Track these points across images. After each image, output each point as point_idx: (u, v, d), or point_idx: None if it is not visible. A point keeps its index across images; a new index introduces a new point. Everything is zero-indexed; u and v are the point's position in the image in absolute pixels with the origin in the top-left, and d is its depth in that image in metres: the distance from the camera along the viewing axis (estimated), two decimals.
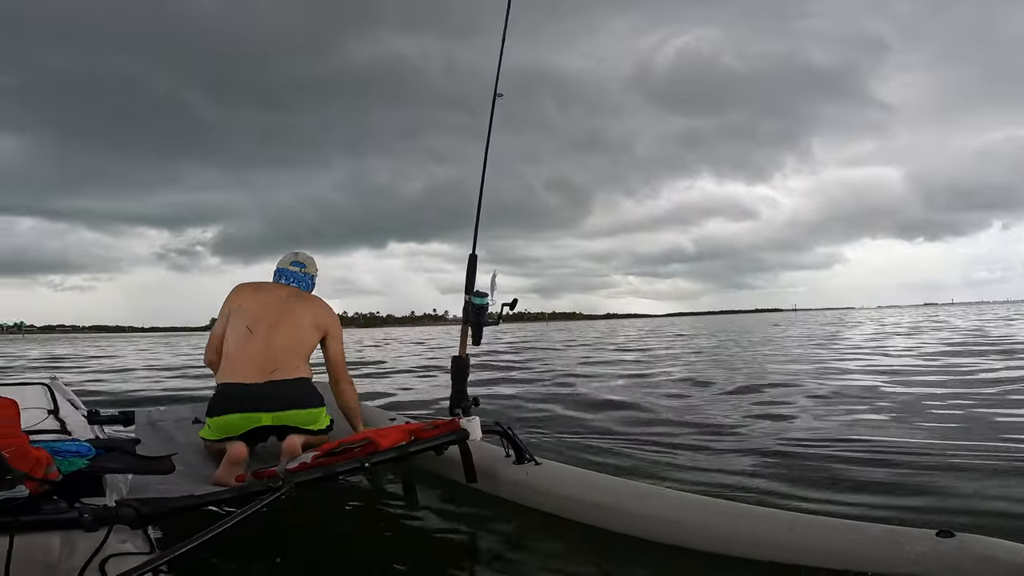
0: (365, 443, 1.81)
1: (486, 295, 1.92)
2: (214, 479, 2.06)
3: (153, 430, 2.83)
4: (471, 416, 1.97)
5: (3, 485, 1.17)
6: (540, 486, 1.94)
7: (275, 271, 2.58)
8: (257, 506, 1.34)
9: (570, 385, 6.36)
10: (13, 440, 1.20)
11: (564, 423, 3.98)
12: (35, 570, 1.16)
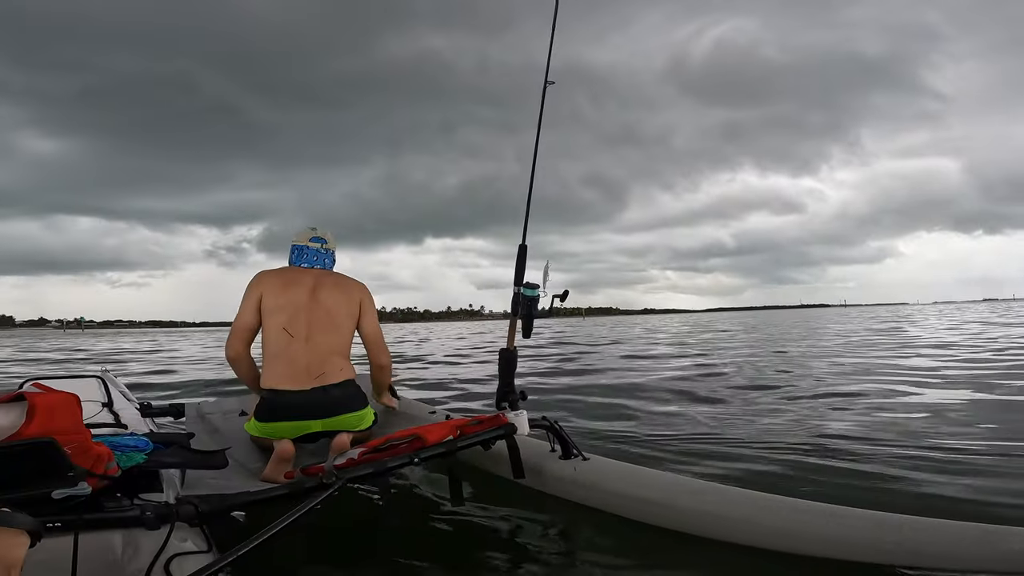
0: (412, 439, 1.80)
1: (537, 286, 1.87)
2: (263, 476, 2.07)
3: (202, 423, 2.87)
4: (519, 410, 1.93)
5: (66, 482, 1.16)
6: (588, 481, 1.91)
7: (293, 249, 2.45)
8: (312, 503, 1.34)
9: (618, 379, 6.29)
10: (76, 436, 1.20)
11: (611, 418, 3.92)
12: (100, 570, 1.15)
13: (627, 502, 1.81)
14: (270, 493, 1.43)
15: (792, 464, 2.52)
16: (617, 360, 9.00)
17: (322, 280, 2.38)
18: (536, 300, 1.88)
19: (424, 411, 2.96)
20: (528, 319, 1.88)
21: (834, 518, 1.48)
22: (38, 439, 1.10)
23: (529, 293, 1.87)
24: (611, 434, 3.35)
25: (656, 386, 5.61)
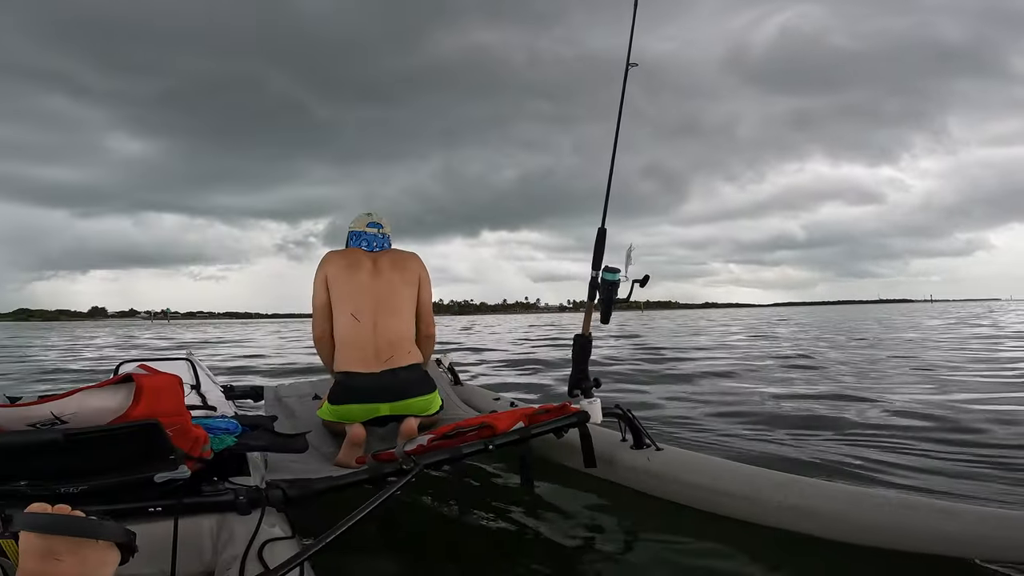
0: (481, 427, 1.80)
1: (618, 271, 1.82)
2: (337, 460, 2.13)
3: (279, 406, 2.95)
4: (592, 398, 1.89)
5: (168, 465, 1.17)
6: (661, 472, 1.87)
7: (350, 234, 2.53)
8: (392, 489, 1.34)
9: (689, 373, 6.12)
10: (178, 418, 1.21)
11: (683, 411, 3.83)
12: (194, 554, 1.15)
13: (705, 494, 1.75)
14: (352, 478, 1.43)
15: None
16: (691, 352, 8.78)
17: (380, 261, 2.45)
18: (616, 285, 1.82)
19: (488, 399, 2.97)
20: (607, 304, 1.83)
21: (952, 516, 1.37)
22: (144, 421, 1.12)
23: (609, 277, 1.82)
24: (685, 428, 3.26)
25: (728, 377, 5.42)
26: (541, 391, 5.12)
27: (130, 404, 1.13)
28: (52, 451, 1.06)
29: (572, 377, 1.94)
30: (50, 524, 0.79)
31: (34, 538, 0.79)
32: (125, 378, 1.18)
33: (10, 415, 1.05)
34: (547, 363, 7.92)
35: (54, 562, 0.77)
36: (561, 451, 2.13)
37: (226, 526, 1.21)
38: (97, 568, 0.80)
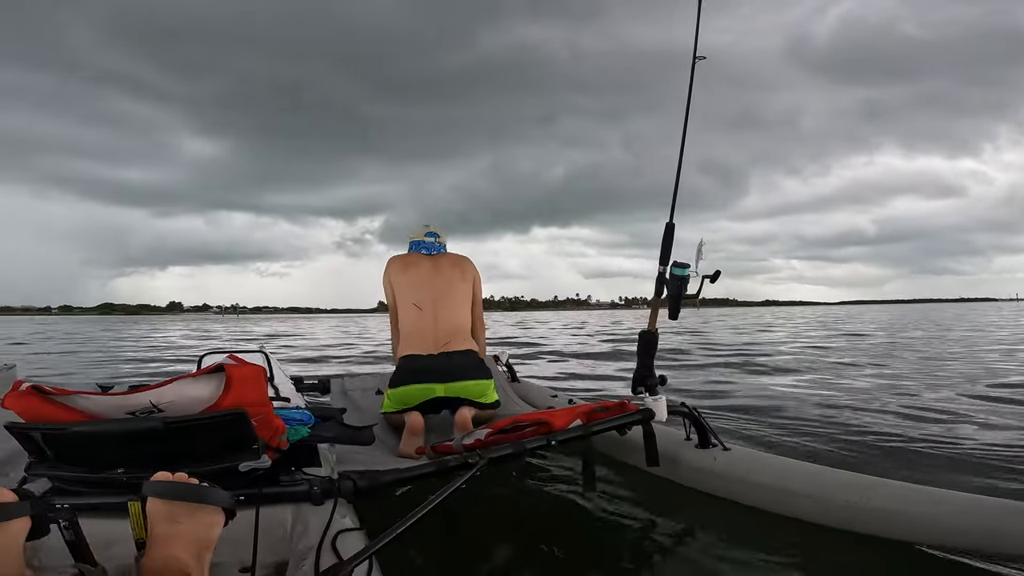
0: (539, 423, 1.79)
1: (687, 265, 1.78)
2: (398, 451, 2.20)
3: (345, 399, 3.04)
4: (657, 396, 1.86)
5: (251, 455, 1.21)
6: (728, 472, 1.83)
7: (411, 243, 2.82)
8: (458, 482, 1.36)
9: (758, 372, 5.93)
10: (262, 408, 1.25)
11: (751, 412, 3.72)
12: (271, 544, 1.16)
13: (776, 495, 1.71)
14: (418, 471, 1.46)
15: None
16: (763, 351, 8.48)
17: (439, 261, 2.74)
18: (686, 280, 1.79)
19: (546, 395, 2.97)
20: (676, 300, 1.80)
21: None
22: (232, 411, 1.16)
23: (679, 272, 1.79)
24: (750, 428, 3.15)
25: (800, 375, 5.19)
26: (599, 388, 5.08)
27: (220, 394, 1.18)
28: (150, 438, 1.12)
29: (636, 374, 1.91)
30: (175, 490, 0.91)
31: (160, 504, 0.90)
32: (216, 368, 1.22)
33: (110, 403, 1.13)
34: (604, 360, 7.86)
35: (176, 525, 0.88)
36: (623, 449, 2.10)
37: (301, 516, 1.24)
38: (208, 530, 0.91)
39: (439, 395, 2.41)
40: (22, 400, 1.06)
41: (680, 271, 1.79)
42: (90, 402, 1.11)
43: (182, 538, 0.88)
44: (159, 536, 0.88)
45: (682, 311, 1.83)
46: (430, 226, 2.84)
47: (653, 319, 1.92)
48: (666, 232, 1.94)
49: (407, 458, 2.11)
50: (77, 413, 1.10)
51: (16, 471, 1.73)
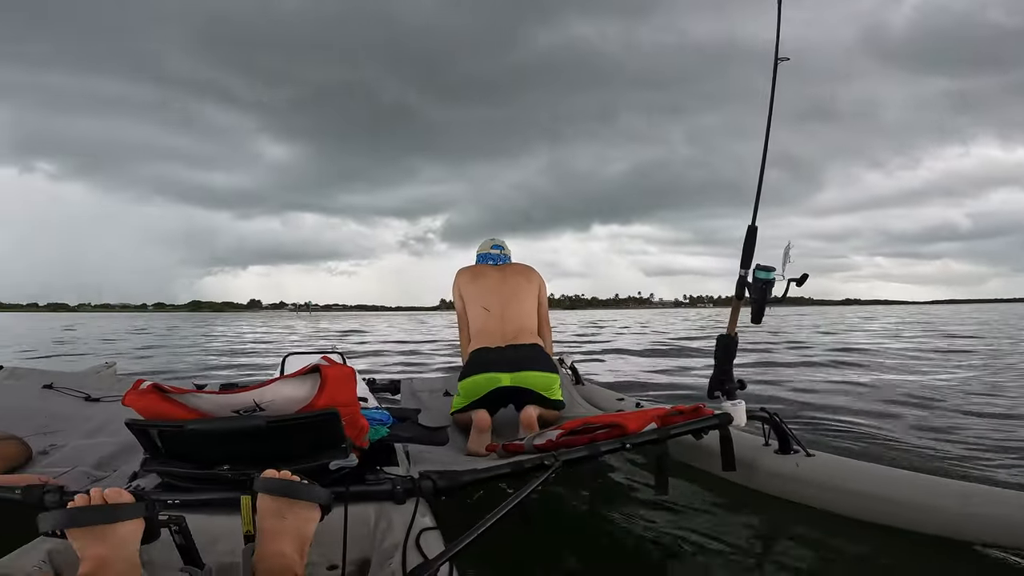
0: (613, 426, 1.78)
1: (773, 269, 1.73)
2: (467, 450, 2.25)
3: (414, 399, 3.12)
4: (736, 400, 1.81)
5: (340, 453, 1.25)
6: (812, 479, 1.77)
7: (478, 256, 3.01)
8: (536, 484, 1.37)
9: (849, 376, 5.63)
10: (352, 408, 1.29)
11: (840, 416, 3.56)
12: (356, 541, 1.17)
13: (863, 501, 1.67)
14: (496, 471, 1.48)
15: None
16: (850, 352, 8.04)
17: (506, 270, 2.91)
18: (771, 284, 1.74)
19: (612, 399, 2.95)
20: (760, 304, 1.75)
21: None
22: (325, 410, 1.21)
23: (764, 276, 1.74)
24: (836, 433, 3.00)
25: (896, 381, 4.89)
26: (666, 392, 4.97)
27: (315, 393, 1.23)
28: (253, 437, 1.19)
29: (714, 378, 1.87)
30: (284, 488, 0.95)
31: (269, 499, 0.95)
32: (313, 368, 1.27)
33: (218, 402, 1.21)
34: (670, 360, 7.67)
35: (281, 520, 0.93)
36: (696, 453, 2.07)
37: (384, 515, 1.26)
38: (307, 524, 0.96)
39: (505, 384, 2.47)
40: (143, 398, 1.15)
41: (765, 275, 1.74)
42: (202, 400, 1.19)
43: (286, 533, 0.92)
44: (267, 531, 0.93)
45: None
46: (495, 239, 3.04)
47: (733, 323, 1.87)
48: (748, 235, 1.89)
49: (476, 456, 2.16)
50: (190, 411, 1.18)
51: (123, 466, 1.88)
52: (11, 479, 1.64)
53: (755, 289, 1.76)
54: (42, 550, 1.06)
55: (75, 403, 2.77)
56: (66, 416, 2.55)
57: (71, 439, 2.21)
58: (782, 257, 1.72)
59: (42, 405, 2.69)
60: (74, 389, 2.91)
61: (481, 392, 2.46)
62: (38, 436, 2.21)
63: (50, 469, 1.86)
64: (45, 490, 1.17)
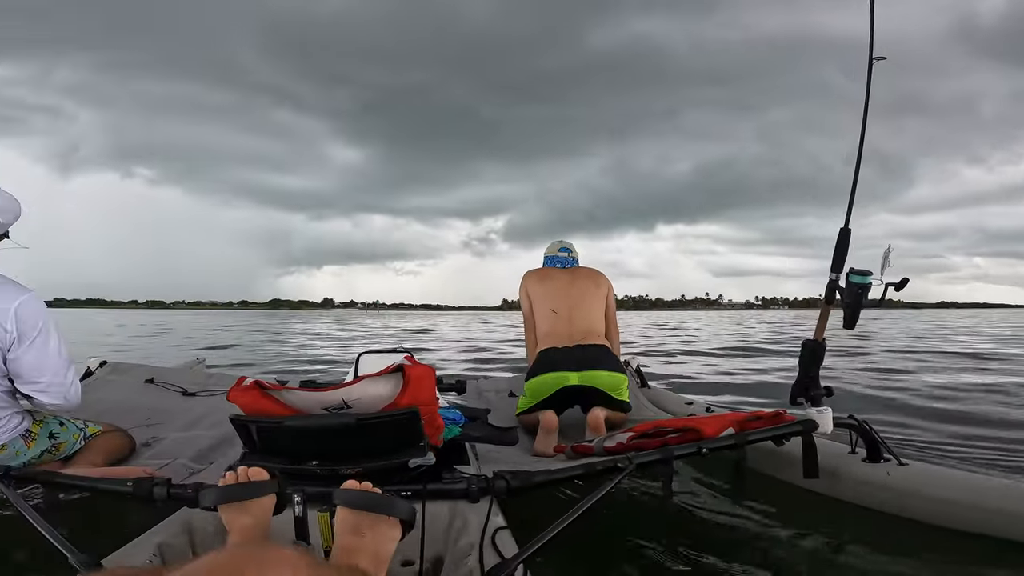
0: (687, 430, 1.74)
1: (869, 273, 1.66)
2: (533, 450, 2.25)
3: (480, 399, 3.17)
4: (822, 407, 1.74)
5: (418, 452, 1.27)
6: (907, 488, 1.72)
7: (545, 259, 3.01)
8: (609, 486, 1.36)
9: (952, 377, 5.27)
10: (432, 407, 1.31)
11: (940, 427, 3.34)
12: (432, 539, 1.16)
13: (961, 511, 1.61)
14: (569, 472, 1.47)
15: None
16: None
17: (576, 274, 2.90)
18: (867, 288, 1.67)
19: (680, 403, 2.88)
20: (855, 309, 1.68)
21: None
22: (407, 409, 1.24)
23: (859, 280, 1.67)
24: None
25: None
26: (740, 396, 4.79)
27: (398, 392, 1.27)
28: (343, 434, 1.23)
29: (798, 383, 1.80)
30: (366, 501, 0.91)
31: (349, 514, 0.90)
32: (396, 368, 1.30)
33: (310, 399, 1.27)
34: (746, 364, 7.37)
35: (359, 538, 0.88)
36: (773, 461, 2.01)
37: (459, 513, 1.26)
38: (386, 543, 0.90)
39: (572, 383, 2.46)
40: (246, 394, 1.23)
41: (861, 279, 1.67)
42: (296, 397, 1.26)
43: (364, 551, 0.87)
44: (343, 547, 0.88)
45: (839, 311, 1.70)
46: (563, 242, 3.04)
47: (821, 328, 1.80)
48: (840, 238, 1.82)
49: (543, 457, 2.16)
50: (285, 407, 1.26)
51: (218, 459, 1.98)
52: (119, 471, 1.77)
53: (849, 293, 1.69)
54: (152, 543, 1.10)
55: (173, 397, 2.93)
56: (166, 410, 2.70)
57: (170, 432, 2.34)
58: (881, 260, 1.64)
59: (144, 399, 2.84)
60: (172, 384, 3.07)
61: (548, 391, 2.47)
62: (141, 429, 2.34)
63: (152, 461, 1.95)
64: (154, 483, 1.24)
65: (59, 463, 1.86)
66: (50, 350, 1.70)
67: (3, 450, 1.73)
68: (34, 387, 1.71)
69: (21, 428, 1.78)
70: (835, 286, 1.74)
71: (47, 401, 1.75)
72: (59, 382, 1.73)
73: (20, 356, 1.65)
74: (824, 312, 1.79)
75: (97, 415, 2.24)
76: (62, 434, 1.89)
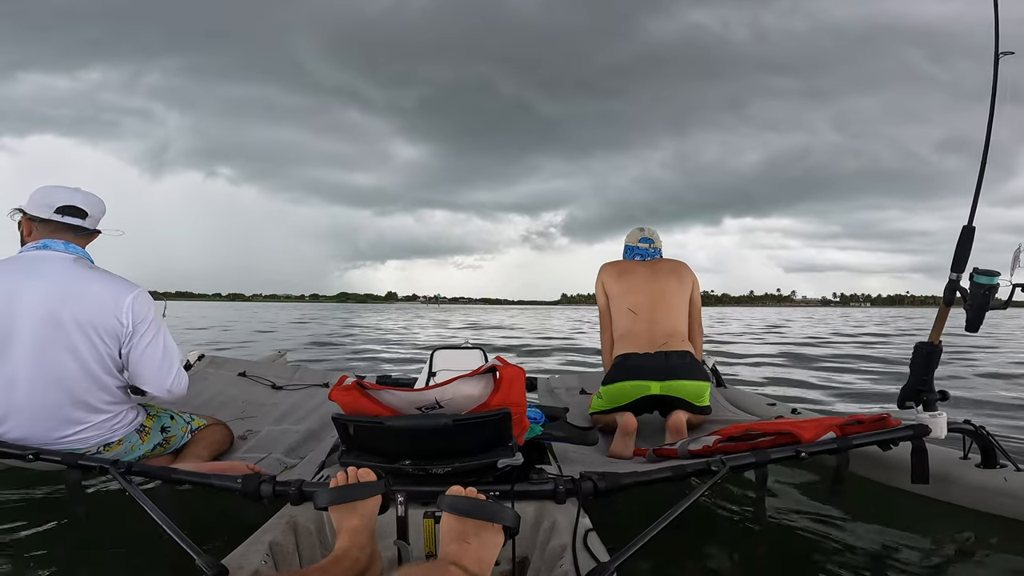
0: (781, 434, 1.65)
1: (997, 274, 1.55)
2: (610, 452, 2.17)
3: (552, 397, 3.13)
4: (936, 412, 1.63)
5: (507, 452, 1.26)
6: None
7: (625, 248, 2.80)
8: (703, 489, 1.31)
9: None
10: (521, 407, 1.31)
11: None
12: (521, 539, 1.12)
13: None
14: (657, 475, 1.42)
15: None
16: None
17: (657, 268, 2.69)
18: (994, 289, 1.55)
19: (762, 403, 2.75)
20: (979, 311, 1.57)
21: None
22: (500, 410, 1.24)
23: (985, 281, 1.56)
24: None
25: None
26: (823, 397, 4.53)
27: (490, 393, 1.27)
28: (437, 434, 1.23)
29: (908, 387, 1.70)
30: (472, 508, 0.89)
31: (454, 521, 0.88)
32: (489, 368, 1.31)
33: (404, 399, 1.29)
34: (825, 364, 6.95)
35: (464, 545, 0.86)
36: (873, 466, 1.91)
37: (547, 514, 1.24)
38: (490, 550, 0.88)
39: (654, 393, 2.37)
40: (347, 393, 1.26)
41: (986, 279, 1.55)
42: (394, 397, 1.28)
43: (469, 557, 0.85)
44: (450, 555, 0.86)
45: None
46: (645, 231, 2.80)
47: (938, 330, 1.69)
48: (963, 236, 1.70)
49: (620, 459, 2.10)
50: (383, 407, 1.28)
51: (309, 454, 2.00)
52: (223, 466, 1.81)
53: (973, 295, 1.58)
54: (264, 543, 1.10)
55: (264, 391, 3.01)
56: (258, 403, 2.79)
57: (263, 425, 2.40)
58: (1011, 261, 1.51)
59: (238, 392, 2.93)
60: (262, 378, 3.16)
61: (627, 399, 2.37)
62: (236, 421, 2.41)
63: (249, 455, 2.00)
64: (261, 480, 1.27)
65: (169, 457, 1.94)
66: (160, 343, 1.77)
67: (119, 445, 1.80)
68: (147, 380, 1.77)
69: (136, 423, 1.86)
70: (955, 286, 1.63)
71: (158, 394, 1.81)
72: (168, 375, 1.78)
73: (134, 349, 1.72)
74: (942, 313, 1.68)
75: (197, 408, 2.36)
76: (172, 427, 1.97)
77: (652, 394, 2.37)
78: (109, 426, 1.77)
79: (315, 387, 3.10)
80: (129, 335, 1.71)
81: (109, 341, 1.69)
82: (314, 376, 3.27)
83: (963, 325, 1.61)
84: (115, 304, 1.68)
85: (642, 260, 2.74)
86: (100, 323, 1.66)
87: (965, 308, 1.60)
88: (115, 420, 1.79)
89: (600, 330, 2.73)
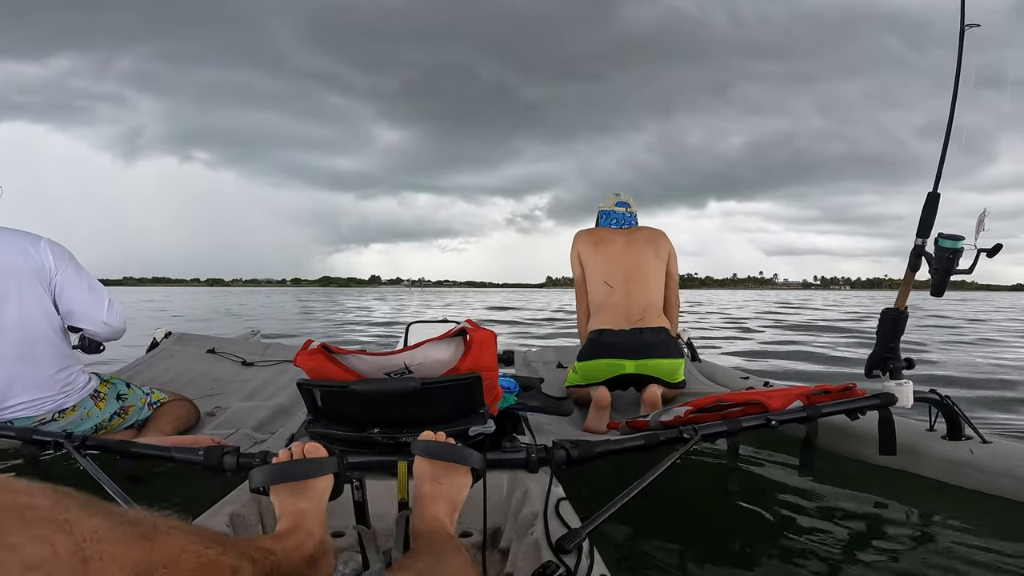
0: (751, 404, 1.67)
1: (961, 238, 1.56)
2: (585, 426, 2.19)
3: (528, 370, 3.14)
4: (902, 380, 1.64)
5: (478, 419, 1.25)
6: (994, 467, 1.66)
7: (600, 213, 2.71)
8: (674, 458, 1.31)
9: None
10: (492, 373, 1.29)
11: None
12: (492, 508, 1.14)
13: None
14: (628, 443, 1.42)
15: None
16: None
17: (634, 237, 2.61)
18: (958, 254, 1.56)
19: (735, 376, 2.79)
20: (944, 275, 1.58)
21: None
22: (470, 374, 1.22)
23: (949, 245, 1.57)
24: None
25: None
26: (794, 370, 4.62)
27: (460, 357, 1.24)
28: (406, 399, 1.21)
29: (874, 355, 1.71)
30: (443, 451, 0.96)
31: (426, 464, 0.95)
32: (459, 331, 1.28)
33: (372, 363, 1.25)
34: (801, 338, 7.08)
35: (437, 485, 0.93)
36: (840, 437, 1.94)
37: (519, 483, 1.24)
38: (460, 491, 0.95)
39: (628, 372, 2.37)
40: (312, 358, 1.23)
41: (951, 243, 1.56)
42: (360, 361, 1.25)
43: (442, 498, 0.91)
44: (424, 496, 0.91)
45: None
46: (621, 195, 2.70)
47: (903, 296, 1.70)
48: (928, 202, 1.71)
49: (595, 433, 2.12)
50: (349, 372, 1.25)
51: (279, 429, 1.97)
52: (187, 440, 1.80)
53: (938, 259, 1.59)
54: (225, 514, 1.07)
55: (234, 367, 2.98)
56: (227, 380, 2.75)
57: (232, 402, 2.36)
58: (975, 225, 1.53)
59: (206, 369, 2.90)
60: (232, 354, 3.12)
61: (602, 377, 2.37)
62: (204, 398, 2.38)
63: (217, 431, 1.97)
64: (224, 452, 1.24)
65: (131, 432, 1.92)
66: (84, 278, 1.79)
67: (73, 411, 1.77)
68: (81, 316, 1.78)
69: (90, 388, 1.84)
70: (921, 252, 1.64)
71: (95, 328, 1.83)
72: (101, 306, 1.81)
73: (60, 286, 1.73)
74: (907, 279, 1.69)
75: (163, 385, 2.31)
76: (130, 397, 1.94)
77: (627, 373, 2.37)
78: (59, 387, 1.75)
79: (287, 363, 3.02)
80: (52, 267, 1.72)
81: (41, 284, 1.70)
82: (286, 352, 3.21)
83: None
84: (33, 247, 1.71)
85: (618, 227, 2.65)
86: (26, 265, 1.67)
87: (930, 272, 1.61)
88: (66, 382, 1.76)
89: (576, 300, 2.68)
